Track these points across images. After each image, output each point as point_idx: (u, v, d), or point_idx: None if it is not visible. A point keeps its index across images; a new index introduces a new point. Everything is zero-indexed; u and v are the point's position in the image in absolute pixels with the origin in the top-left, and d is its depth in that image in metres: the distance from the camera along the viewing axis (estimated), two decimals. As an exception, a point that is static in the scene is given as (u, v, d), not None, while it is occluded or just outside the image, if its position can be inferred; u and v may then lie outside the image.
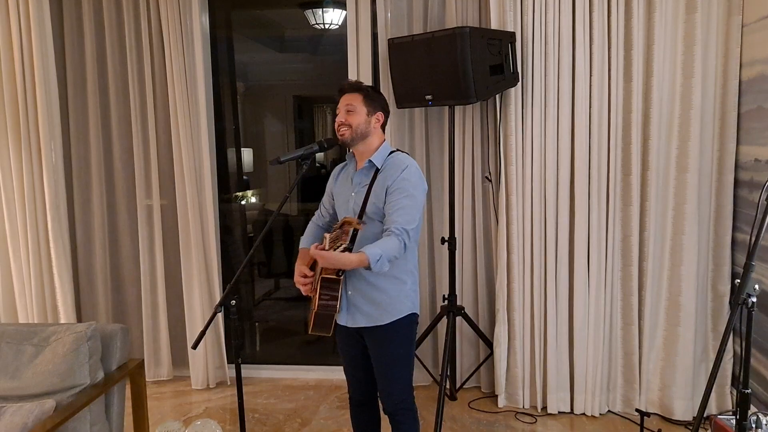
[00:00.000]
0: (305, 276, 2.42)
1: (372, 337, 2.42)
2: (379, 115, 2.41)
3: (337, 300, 2.33)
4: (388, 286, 2.37)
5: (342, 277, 2.31)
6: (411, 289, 2.44)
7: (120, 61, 3.88)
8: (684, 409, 3.33)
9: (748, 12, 3.11)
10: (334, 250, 2.12)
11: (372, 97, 2.40)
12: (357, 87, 2.41)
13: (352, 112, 2.35)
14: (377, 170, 2.37)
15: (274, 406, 3.72)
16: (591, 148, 3.32)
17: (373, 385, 2.54)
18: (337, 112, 2.40)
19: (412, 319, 2.44)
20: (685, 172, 3.25)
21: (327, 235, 2.19)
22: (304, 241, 2.64)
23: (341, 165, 2.59)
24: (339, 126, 2.36)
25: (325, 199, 2.65)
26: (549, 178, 3.39)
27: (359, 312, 2.39)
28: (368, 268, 2.14)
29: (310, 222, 2.70)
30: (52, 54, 3.72)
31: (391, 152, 2.43)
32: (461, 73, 3.12)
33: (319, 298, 2.30)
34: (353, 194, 2.41)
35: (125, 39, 3.82)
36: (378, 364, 2.44)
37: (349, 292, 2.39)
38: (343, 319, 2.42)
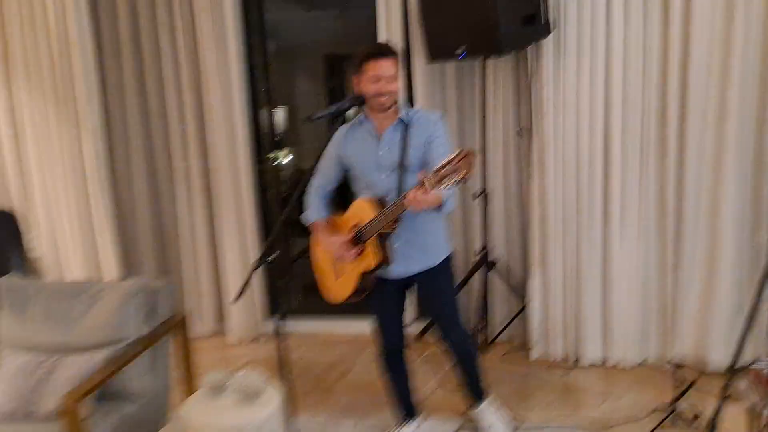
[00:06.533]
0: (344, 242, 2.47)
1: (425, 280, 2.56)
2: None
3: (389, 250, 2.41)
4: (434, 229, 2.54)
5: (396, 228, 2.36)
6: (446, 230, 2.63)
7: (151, 23, 3.89)
8: (720, 361, 3.31)
9: (795, -49, 2.97)
10: (446, 187, 2.01)
11: (398, 58, 2.39)
12: (394, 51, 2.36)
13: (393, 80, 2.34)
14: (406, 125, 2.42)
15: (312, 359, 3.84)
16: (626, 98, 3.25)
17: (403, 336, 2.71)
18: (375, 76, 2.31)
19: (452, 255, 2.64)
20: (725, 120, 3.15)
21: (426, 179, 2.01)
22: (315, 214, 2.62)
23: (345, 128, 2.49)
24: (381, 94, 2.32)
25: (327, 164, 2.59)
26: (583, 129, 3.33)
27: (411, 259, 2.50)
28: (438, 208, 2.23)
29: (311, 194, 2.64)
30: (87, 18, 3.76)
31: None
32: (493, 24, 3.06)
33: (376, 254, 2.38)
34: (383, 151, 2.43)
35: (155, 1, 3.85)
36: (437, 303, 2.62)
37: (396, 245, 2.44)
38: (395, 271, 2.48)
